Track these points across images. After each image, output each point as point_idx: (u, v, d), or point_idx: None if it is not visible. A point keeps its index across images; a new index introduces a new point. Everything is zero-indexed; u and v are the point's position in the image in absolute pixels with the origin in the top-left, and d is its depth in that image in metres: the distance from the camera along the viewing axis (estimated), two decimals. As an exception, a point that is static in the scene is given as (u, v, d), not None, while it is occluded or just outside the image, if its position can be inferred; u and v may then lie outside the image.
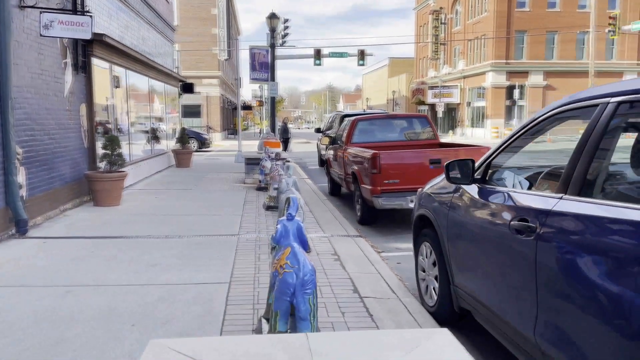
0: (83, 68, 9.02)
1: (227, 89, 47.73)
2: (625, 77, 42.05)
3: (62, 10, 7.35)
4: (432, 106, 49.03)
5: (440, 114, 45.91)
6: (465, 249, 3.42)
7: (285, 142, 20.20)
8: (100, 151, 9.50)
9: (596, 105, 2.49)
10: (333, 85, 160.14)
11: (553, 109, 2.91)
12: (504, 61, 41.37)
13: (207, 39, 39.05)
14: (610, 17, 30.89)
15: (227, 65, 46.02)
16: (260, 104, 42.95)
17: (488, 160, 3.40)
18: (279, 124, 21.22)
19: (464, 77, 46.46)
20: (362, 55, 38.31)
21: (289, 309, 3.32)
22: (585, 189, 2.41)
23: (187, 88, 20.32)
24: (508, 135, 3.29)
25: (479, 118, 44.24)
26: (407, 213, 8.87)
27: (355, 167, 8.02)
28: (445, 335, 1.94)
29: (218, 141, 36.71)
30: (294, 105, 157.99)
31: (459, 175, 3.40)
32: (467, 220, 3.38)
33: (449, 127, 48.99)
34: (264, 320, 3.79)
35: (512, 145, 3.26)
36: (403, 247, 6.82)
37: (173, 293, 4.62)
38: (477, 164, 3.47)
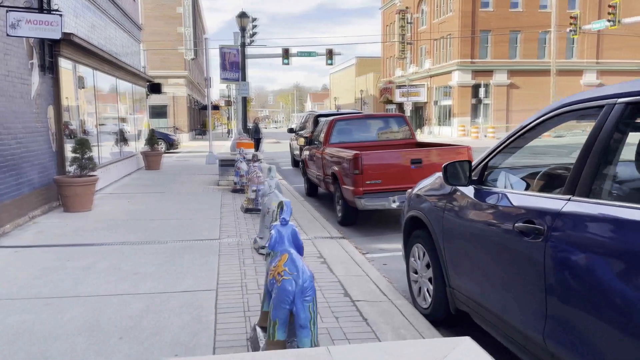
0: (50, 69, 8.67)
1: (193, 88, 47.04)
2: (585, 76, 43.43)
3: (30, 9, 7.02)
4: (400, 105, 49.46)
5: (408, 113, 46.32)
6: (463, 251, 3.40)
7: (257, 142, 20.01)
8: (69, 155, 9.16)
9: (602, 106, 2.49)
10: (300, 85, 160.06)
11: (555, 109, 2.90)
12: (470, 60, 42.08)
13: (172, 38, 38.39)
14: (571, 17, 31.78)
15: (194, 64, 45.35)
16: (229, 103, 42.43)
17: (485, 161, 3.38)
18: (249, 124, 20.98)
19: (431, 76, 47.06)
20: (330, 54, 38.39)
21: (288, 316, 3.23)
22: (593, 190, 2.40)
23: (155, 88, 19.90)
24: (506, 136, 3.28)
25: (446, 116, 44.89)
26: (387, 213, 8.89)
27: (336, 168, 7.96)
28: (469, 344, 1.89)
29: (186, 142, 36.13)
30: (261, 104, 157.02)
31: (456, 177, 3.37)
32: (465, 222, 3.35)
33: (417, 125, 49.53)
34: (258, 329, 3.68)
35: (510, 145, 3.25)
36: (386, 247, 6.80)
37: (158, 302, 4.46)
38: (473, 165, 3.45)
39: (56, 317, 4.12)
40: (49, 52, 8.65)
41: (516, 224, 2.75)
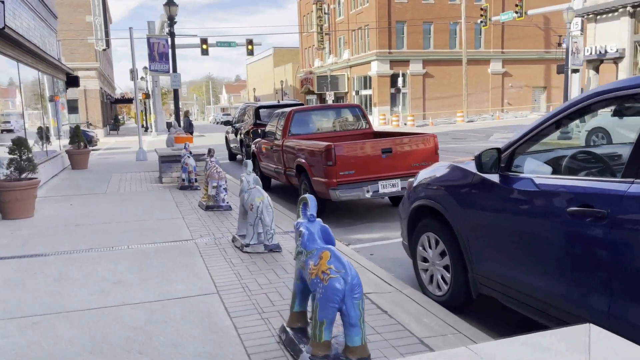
0: (-23, 61, 7.77)
1: (104, 81, 44.43)
2: (492, 65, 46.12)
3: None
4: (320, 95, 49.84)
5: (329, 103, 46.80)
6: (496, 238, 3.46)
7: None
8: (5, 156, 8.29)
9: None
10: (213, 76, 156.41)
11: (589, 97, 3.01)
12: (387, 50, 43.18)
13: (81, 27, 35.95)
14: (481, 9, 33.52)
15: (103, 56, 42.77)
16: (147, 96, 40.50)
17: (512, 149, 3.46)
18: (165, 118, 20.06)
19: (350, 67, 47.79)
20: (250, 44, 37.80)
21: (336, 316, 3.13)
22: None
23: (72, 81, 18.53)
24: (534, 124, 3.37)
25: (366, 106, 45.81)
26: (352, 204, 8.92)
27: (303, 160, 7.84)
28: (596, 329, 1.91)
29: (102, 138, 34.09)
30: (172, 97, 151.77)
31: (489, 166, 3.42)
32: (499, 210, 3.41)
33: (338, 115, 50.16)
34: (290, 330, 3.54)
35: (540, 134, 3.34)
36: (364, 237, 6.82)
37: (159, 311, 4.16)
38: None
39: (54, 338, 3.71)
40: (-25, 42, 7.75)
41: (569, 209, 2.83)
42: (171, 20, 16.90)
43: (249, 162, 6.31)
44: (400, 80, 42.62)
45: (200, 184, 11.12)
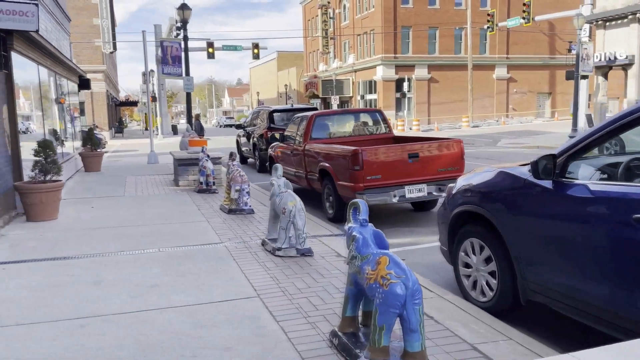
0: (5, 64, 7.78)
1: (110, 84, 44.52)
2: (496, 70, 46.19)
3: (-4, -4, 6.23)
4: (324, 99, 49.92)
5: (334, 107, 46.86)
6: (553, 246, 3.46)
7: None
8: (25, 157, 8.31)
9: None
10: (213, 79, 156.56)
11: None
12: (393, 55, 43.27)
13: (87, 30, 36.02)
14: (488, 15, 33.55)
15: (109, 58, 42.88)
16: (153, 99, 40.56)
17: (567, 155, 3.46)
18: (170, 121, 20.06)
19: (355, 71, 47.88)
20: (257, 48, 37.90)
21: (395, 321, 3.13)
22: None
23: (84, 84, 18.60)
24: (592, 130, 3.37)
25: (371, 110, 45.85)
26: (373, 208, 8.87)
27: (327, 164, 7.85)
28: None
29: (108, 141, 34.12)
30: (176, 99, 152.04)
31: (545, 172, 3.42)
32: (556, 217, 3.41)
33: (342, 119, 50.22)
34: (342, 335, 3.54)
35: (598, 140, 3.34)
36: (393, 243, 6.80)
37: (203, 315, 4.15)
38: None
39: (102, 341, 3.71)
40: (2, 45, 7.76)
41: (635, 215, 2.84)
42: (184, 24, 16.93)
43: (279, 166, 6.33)
44: (405, 85, 42.70)
45: (218, 187, 11.14)
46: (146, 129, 56.66)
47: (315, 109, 15.93)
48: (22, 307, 4.39)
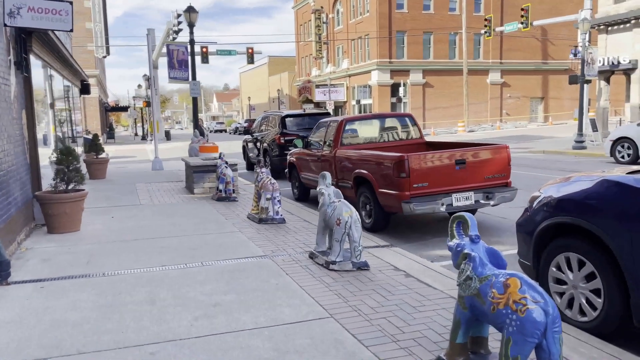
0: (25, 67, 7.36)
1: (101, 89, 43.81)
2: (490, 75, 46.35)
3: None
4: (317, 104, 49.63)
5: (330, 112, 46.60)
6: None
7: (202, 145, 18.82)
8: (44, 163, 7.88)
9: None
10: (202, 85, 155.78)
11: None
12: (388, 60, 43.20)
13: (80, 34, 35.36)
14: (485, 20, 33.63)
15: (99, 63, 42.20)
16: (147, 104, 39.94)
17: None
18: (164, 126, 19.52)
19: (349, 76, 47.71)
20: (251, 54, 37.55)
21: (531, 352, 2.82)
22: None
23: (85, 89, 18.11)
24: None
25: (366, 115, 45.70)
26: (407, 218, 8.51)
27: (364, 171, 7.54)
28: None
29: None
30: (165, 104, 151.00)
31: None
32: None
33: (336, 124, 49.94)
34: (450, 363, 3.22)
35: None
36: (445, 254, 6.51)
37: (283, 339, 3.81)
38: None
39: (184, 371, 3.35)
40: (22, 47, 7.34)
41: None
42: (191, 27, 16.49)
43: (327, 174, 5.99)
44: (401, 89, 42.61)
45: (238, 195, 10.76)
46: (136, 135, 55.91)
47: (329, 114, 15.62)
48: (80, 332, 3.99)
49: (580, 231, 3.90)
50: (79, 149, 15.74)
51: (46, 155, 9.60)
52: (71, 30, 6.57)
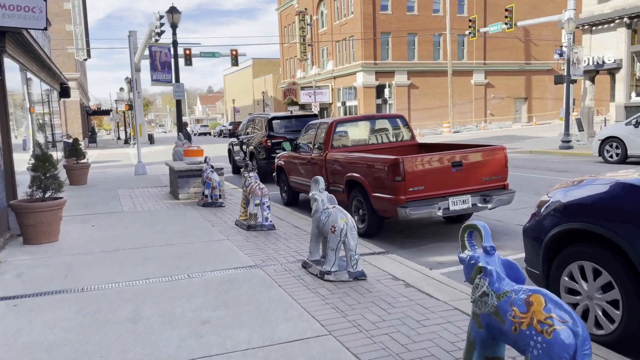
0: (-1, 69, 6.96)
1: (82, 92, 43.00)
2: (474, 76, 46.50)
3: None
4: (303, 106, 49.32)
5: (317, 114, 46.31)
6: None
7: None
8: (20, 170, 7.47)
9: None
10: (185, 87, 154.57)
11: None
12: (373, 62, 43.06)
13: (60, 36, 34.63)
14: (469, 20, 33.65)
15: (80, 66, 41.41)
16: (130, 107, 39.26)
17: None
18: (147, 130, 19.12)
19: (334, 77, 47.48)
20: (235, 56, 37.15)
21: (557, 376, 2.55)
22: None
23: (65, 92, 17.59)
24: None
25: (351, 116, 45.47)
26: (400, 222, 8.28)
27: (357, 175, 7.26)
28: None
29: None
30: (148, 108, 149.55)
31: None
32: None
33: (322, 126, 49.66)
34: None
35: None
36: (444, 260, 6.26)
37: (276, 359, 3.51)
38: None
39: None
40: (-5, 47, 6.93)
41: None
42: (174, 28, 16.08)
43: (320, 179, 5.69)
44: (387, 91, 42.51)
45: (225, 201, 10.43)
46: (119, 138, 55.07)
47: (316, 115, 15.32)
48: (57, 356, 3.64)
49: (596, 238, 3.66)
50: (59, 154, 15.25)
51: (24, 160, 9.17)
52: (45, 29, 6.19)
